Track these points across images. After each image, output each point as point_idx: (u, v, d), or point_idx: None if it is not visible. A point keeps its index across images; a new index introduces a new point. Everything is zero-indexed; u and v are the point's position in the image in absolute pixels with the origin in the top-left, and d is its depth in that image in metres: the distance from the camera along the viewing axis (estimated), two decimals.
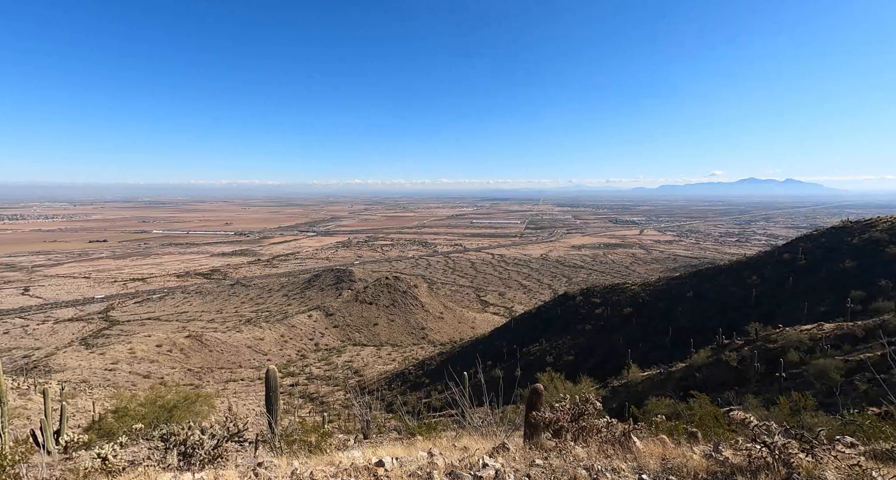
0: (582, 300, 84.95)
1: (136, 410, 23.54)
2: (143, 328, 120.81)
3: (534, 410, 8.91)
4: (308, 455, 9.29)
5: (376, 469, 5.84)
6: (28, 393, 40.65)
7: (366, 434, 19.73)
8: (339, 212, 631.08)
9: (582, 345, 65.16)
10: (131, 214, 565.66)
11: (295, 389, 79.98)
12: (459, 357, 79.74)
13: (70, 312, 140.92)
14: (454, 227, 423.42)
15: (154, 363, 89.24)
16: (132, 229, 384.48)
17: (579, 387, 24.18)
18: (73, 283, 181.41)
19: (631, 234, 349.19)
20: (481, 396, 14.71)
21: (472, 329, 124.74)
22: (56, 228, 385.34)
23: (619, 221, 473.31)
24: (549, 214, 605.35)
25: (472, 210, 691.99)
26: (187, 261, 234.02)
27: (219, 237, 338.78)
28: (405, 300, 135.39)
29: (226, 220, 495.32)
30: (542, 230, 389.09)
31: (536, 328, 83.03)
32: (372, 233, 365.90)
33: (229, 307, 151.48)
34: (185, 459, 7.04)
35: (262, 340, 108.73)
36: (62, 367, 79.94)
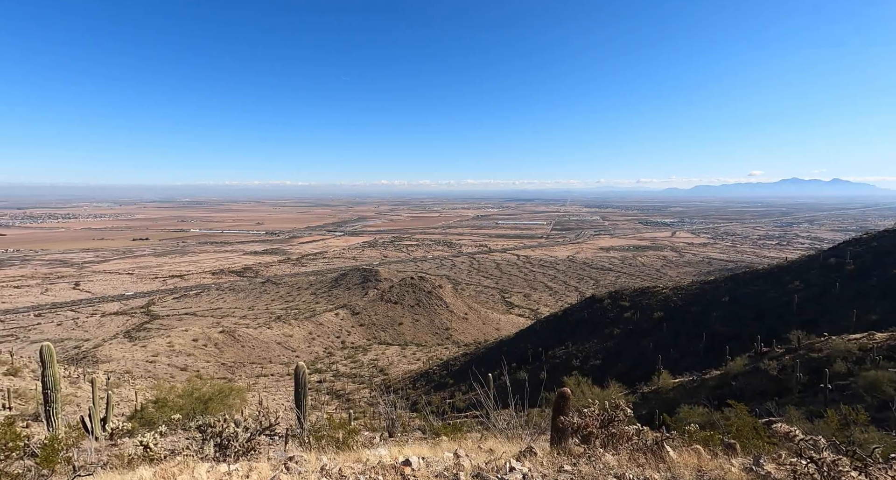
0: (610, 303, 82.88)
1: (174, 401, 24.66)
2: (180, 323, 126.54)
3: (561, 414, 8.77)
4: (336, 451, 9.48)
5: (403, 468, 5.90)
6: (78, 382, 43.29)
7: (391, 432, 19.93)
8: (366, 212, 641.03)
9: (610, 349, 63.59)
10: (170, 213, 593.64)
11: (322, 385, 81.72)
12: (484, 359, 79.39)
13: (115, 306, 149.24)
14: (479, 228, 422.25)
15: (190, 356, 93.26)
16: (171, 228, 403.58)
17: (607, 392, 23.61)
18: (118, 279, 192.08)
19: (662, 236, 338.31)
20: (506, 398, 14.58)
21: (496, 331, 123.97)
22: (103, 226, 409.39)
23: (649, 222, 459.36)
24: (576, 215, 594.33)
25: (497, 211, 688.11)
26: (221, 259, 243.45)
27: (251, 237, 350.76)
28: (430, 301, 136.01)
29: (257, 220, 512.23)
30: (568, 232, 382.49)
31: (562, 330, 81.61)
32: (397, 233, 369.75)
33: (260, 304, 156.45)
34: (221, 450, 7.33)
35: (291, 337, 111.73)
36: (108, 358, 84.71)
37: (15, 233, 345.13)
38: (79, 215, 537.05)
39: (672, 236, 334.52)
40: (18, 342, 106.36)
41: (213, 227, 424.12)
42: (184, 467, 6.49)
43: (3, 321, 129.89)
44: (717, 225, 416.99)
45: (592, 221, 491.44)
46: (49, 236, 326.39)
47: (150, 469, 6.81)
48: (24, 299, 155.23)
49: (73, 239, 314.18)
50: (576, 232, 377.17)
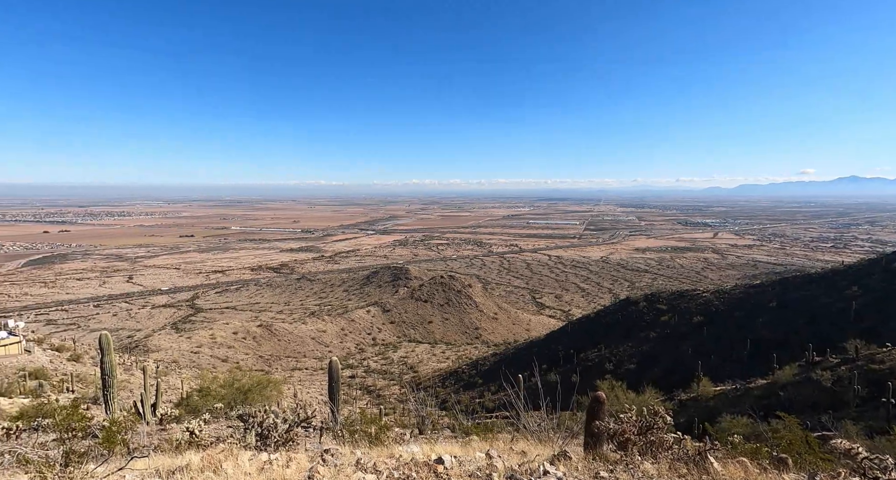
0: (646, 305, 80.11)
1: (216, 391, 25.93)
2: (222, 316, 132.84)
3: (595, 419, 8.57)
4: (369, 446, 9.68)
5: (436, 466, 5.94)
6: (131, 369, 46.36)
7: (421, 429, 20.12)
8: (397, 211, 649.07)
9: (645, 353, 61.47)
10: (214, 212, 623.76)
11: (353, 381, 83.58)
12: (513, 359, 78.69)
13: (164, 299, 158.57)
14: (510, 227, 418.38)
15: (231, 348, 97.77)
16: (214, 226, 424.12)
17: (643, 398, 22.84)
18: (166, 273, 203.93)
19: (703, 237, 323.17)
20: (536, 400, 14.40)
21: (526, 331, 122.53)
22: (154, 224, 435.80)
23: (689, 223, 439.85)
24: (610, 215, 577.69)
25: (528, 210, 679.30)
26: (260, 256, 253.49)
27: (287, 234, 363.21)
28: (459, 300, 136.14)
29: (294, 218, 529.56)
30: (602, 232, 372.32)
31: (595, 333, 79.64)
32: (428, 232, 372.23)
33: (295, 300, 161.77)
34: (262, 440, 7.67)
35: (324, 332, 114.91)
36: (157, 348, 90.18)
37: (78, 229, 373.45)
38: (132, 212, 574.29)
39: (714, 238, 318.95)
40: (80, 331, 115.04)
41: (252, 225, 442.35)
42: (228, 454, 6.82)
43: (67, 310, 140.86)
44: (764, 226, 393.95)
45: (628, 221, 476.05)
46: (106, 233, 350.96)
47: (198, 454, 7.20)
48: (85, 290, 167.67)
49: (127, 235, 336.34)
50: (610, 232, 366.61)
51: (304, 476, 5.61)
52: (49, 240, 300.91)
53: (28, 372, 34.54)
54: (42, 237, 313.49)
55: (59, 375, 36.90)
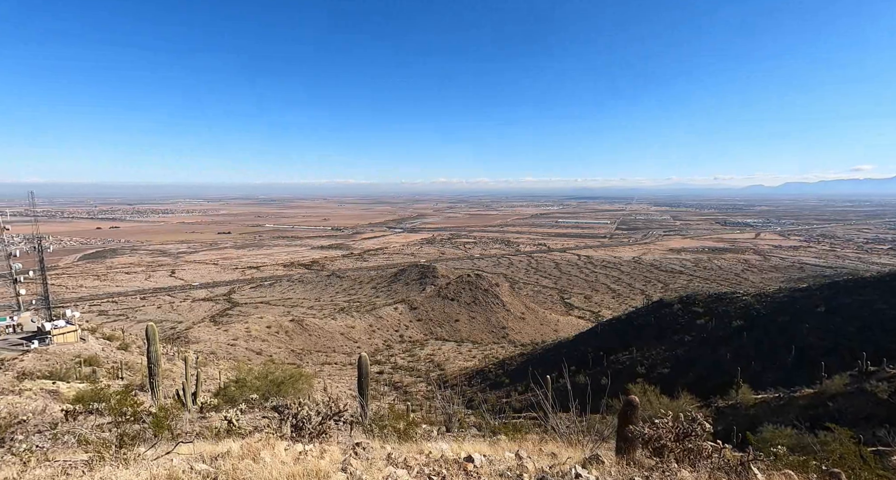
0: (681, 308, 77.23)
1: (252, 382, 26.95)
2: (256, 311, 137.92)
3: (628, 423, 8.35)
4: (398, 441, 9.83)
5: (466, 464, 5.97)
6: (173, 359, 48.89)
7: (448, 427, 20.22)
8: (425, 210, 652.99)
9: (679, 357, 59.29)
10: (249, 210, 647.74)
11: (381, 377, 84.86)
12: (541, 360, 77.73)
13: (203, 293, 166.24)
14: (538, 226, 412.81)
15: (264, 341, 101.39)
16: (249, 223, 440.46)
17: (677, 403, 22.06)
18: (205, 268, 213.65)
19: (744, 237, 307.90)
20: (564, 401, 14.17)
21: (554, 332, 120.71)
22: (194, 221, 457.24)
23: (728, 223, 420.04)
24: (643, 214, 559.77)
25: (557, 209, 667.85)
26: (292, 252, 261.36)
27: (318, 232, 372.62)
28: (486, 299, 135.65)
29: (324, 216, 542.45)
30: (634, 231, 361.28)
31: (626, 335, 77.50)
32: (455, 231, 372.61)
33: (325, 296, 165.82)
34: (297, 431, 7.93)
35: (353, 328, 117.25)
36: (197, 339, 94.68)
37: (126, 226, 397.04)
38: (175, 210, 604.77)
39: (755, 238, 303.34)
40: (128, 321, 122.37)
41: (284, 222, 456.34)
42: (266, 443, 7.10)
43: (117, 302, 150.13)
44: (811, 226, 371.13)
45: (662, 220, 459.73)
46: (151, 229, 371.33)
47: (237, 442, 7.53)
48: (132, 283, 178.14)
49: (171, 232, 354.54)
50: (643, 232, 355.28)
51: (337, 468, 5.76)
52: (101, 236, 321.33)
53: (83, 359, 37.07)
54: (95, 233, 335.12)
55: (109, 362, 39.42)
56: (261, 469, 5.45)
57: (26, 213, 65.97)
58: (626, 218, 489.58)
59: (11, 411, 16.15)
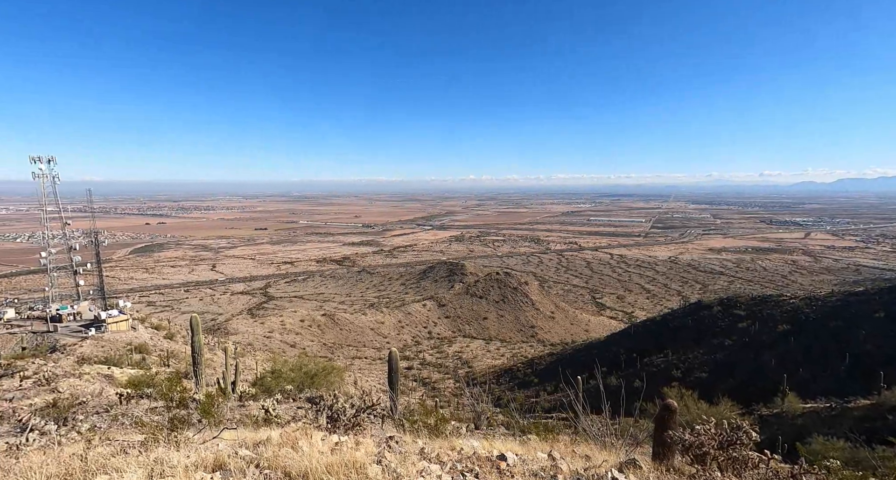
0: (721, 310, 73.86)
1: (287, 373, 27.95)
2: (290, 305, 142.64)
3: (666, 428, 8.08)
4: (429, 436, 9.94)
5: (499, 462, 5.97)
6: (214, 349, 51.35)
7: (477, 424, 20.23)
8: (454, 207, 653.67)
9: (719, 362, 56.76)
10: (284, 207, 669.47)
11: (409, 372, 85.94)
12: (571, 360, 76.43)
13: (241, 286, 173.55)
14: (569, 224, 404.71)
15: (298, 334, 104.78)
16: (284, 220, 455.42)
17: (717, 409, 21.15)
18: (243, 263, 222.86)
19: (792, 237, 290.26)
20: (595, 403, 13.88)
21: (585, 332, 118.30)
22: (233, 217, 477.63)
23: (774, 221, 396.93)
24: (680, 212, 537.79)
25: (589, 207, 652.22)
26: (324, 248, 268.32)
27: (349, 229, 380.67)
28: (515, 297, 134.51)
29: (355, 213, 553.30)
30: (671, 230, 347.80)
31: (661, 337, 74.91)
32: (484, 228, 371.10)
33: (356, 292, 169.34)
34: (332, 422, 8.18)
35: (382, 323, 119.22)
36: (235, 331, 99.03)
37: (172, 222, 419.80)
38: (216, 207, 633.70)
39: (805, 238, 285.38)
40: (173, 312, 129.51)
41: (318, 219, 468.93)
42: (303, 433, 7.35)
43: (163, 293, 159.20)
44: (870, 226, 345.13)
45: (701, 219, 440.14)
46: (194, 225, 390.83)
47: (276, 430, 7.84)
48: (177, 276, 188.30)
49: (212, 228, 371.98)
50: (680, 231, 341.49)
51: (372, 460, 5.90)
52: (149, 231, 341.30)
53: (134, 346, 39.59)
54: (144, 229, 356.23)
55: (157, 350, 41.90)
56: (300, 458, 5.66)
57: (84, 209, 71.33)
58: (661, 216, 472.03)
59: (73, 393, 17.49)
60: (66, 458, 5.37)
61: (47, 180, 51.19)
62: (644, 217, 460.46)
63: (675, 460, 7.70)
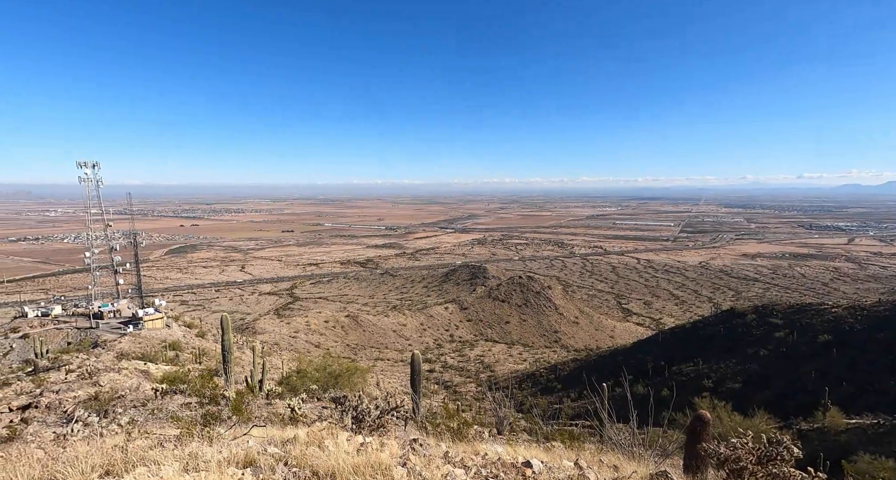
0: (755, 318, 70.72)
1: (312, 373, 28.50)
2: (315, 306, 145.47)
3: (699, 440, 7.79)
4: (452, 439, 9.91)
5: (524, 469, 5.89)
6: (242, 348, 52.82)
7: (499, 430, 20.04)
8: (476, 210, 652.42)
9: (753, 373, 54.29)
10: (310, 209, 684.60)
11: (431, 375, 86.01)
12: (596, 366, 74.77)
13: (268, 287, 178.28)
14: (594, 228, 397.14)
15: (322, 335, 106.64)
16: (310, 222, 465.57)
17: (752, 423, 20.21)
18: (270, 264, 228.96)
19: (834, 243, 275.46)
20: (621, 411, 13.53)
21: (610, 338, 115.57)
22: (262, 220, 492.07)
23: (815, 226, 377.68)
24: (712, 215, 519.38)
25: (615, 210, 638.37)
26: (348, 250, 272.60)
27: (373, 231, 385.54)
28: (538, 301, 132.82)
29: (379, 216, 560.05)
30: (701, 235, 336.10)
31: (690, 345, 72.35)
32: (507, 231, 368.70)
33: (379, 294, 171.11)
34: (357, 423, 8.28)
35: (404, 326, 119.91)
36: (262, 330, 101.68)
37: (204, 223, 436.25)
38: (245, 209, 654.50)
39: (849, 244, 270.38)
40: (204, 311, 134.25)
41: (342, 221, 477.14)
42: (328, 433, 7.47)
43: (195, 293, 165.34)
44: None
45: (734, 223, 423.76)
46: (225, 227, 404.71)
47: (303, 429, 8.00)
48: (208, 277, 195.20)
49: (241, 229, 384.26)
50: (711, 235, 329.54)
51: (397, 462, 5.93)
52: (183, 232, 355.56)
53: (168, 343, 41.24)
54: (178, 230, 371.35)
55: (189, 348, 43.50)
56: (326, 457, 5.75)
57: (125, 211, 75.57)
58: (691, 220, 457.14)
59: (113, 387, 18.35)
60: (109, 449, 5.64)
61: (91, 184, 54.14)
62: (672, 221, 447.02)
63: (709, 474, 7.41)
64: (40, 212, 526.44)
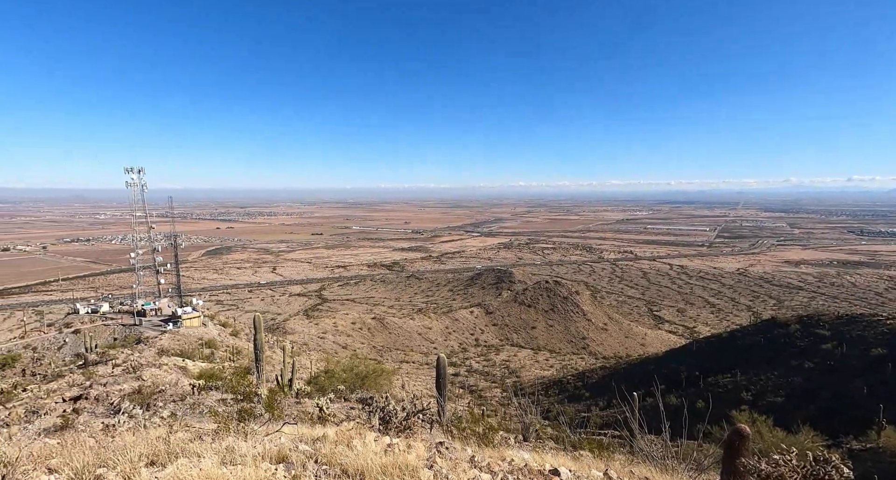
0: (800, 329, 66.83)
1: (339, 374, 29.02)
2: (343, 307, 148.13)
3: (737, 455, 7.45)
4: (477, 444, 9.87)
5: (552, 477, 5.81)
6: (273, 347, 54.42)
7: (525, 436, 19.77)
8: (502, 214, 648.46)
9: (797, 386, 51.27)
10: (339, 212, 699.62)
11: (456, 379, 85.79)
12: (626, 375, 72.57)
13: (298, 288, 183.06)
14: (624, 232, 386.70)
15: (349, 336, 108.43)
16: (338, 225, 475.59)
17: (796, 439, 19.09)
18: (300, 266, 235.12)
19: (888, 250, 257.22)
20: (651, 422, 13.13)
21: (641, 346, 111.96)
22: (293, 223, 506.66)
23: (866, 232, 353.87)
24: (751, 220, 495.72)
25: (646, 214, 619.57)
26: (375, 253, 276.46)
27: (399, 234, 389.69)
28: (565, 307, 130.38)
29: (405, 219, 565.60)
30: (739, 240, 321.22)
31: (727, 355, 69.13)
32: (533, 235, 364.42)
33: (405, 297, 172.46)
34: (384, 424, 8.39)
35: (430, 329, 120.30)
36: (292, 330, 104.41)
37: (239, 226, 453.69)
38: (276, 212, 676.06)
39: None
40: (237, 311, 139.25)
41: (369, 225, 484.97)
42: (356, 433, 7.60)
43: (230, 293, 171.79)
44: None
45: (775, 228, 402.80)
46: (258, 229, 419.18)
47: (332, 428, 8.17)
48: (242, 277, 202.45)
49: (273, 232, 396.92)
50: (750, 241, 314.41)
51: (423, 465, 5.97)
52: (219, 234, 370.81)
53: (204, 341, 43.02)
54: (215, 232, 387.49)
55: (224, 346, 45.21)
56: (355, 457, 5.86)
57: (166, 214, 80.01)
58: (728, 225, 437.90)
59: (154, 381, 19.32)
60: (153, 440, 5.96)
61: (137, 188, 57.36)
62: (708, 226, 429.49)
63: None
64: (91, 215, 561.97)
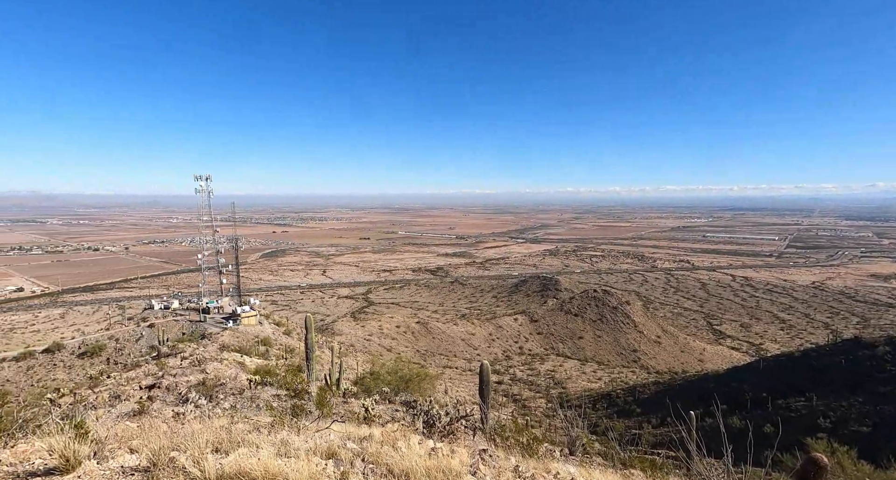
0: (890, 351, 59.57)
1: (384, 376, 29.59)
2: (388, 311, 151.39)
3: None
4: (522, 454, 9.69)
5: None
6: (322, 347, 56.62)
7: (571, 450, 19.11)
8: (549, 220, 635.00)
9: (887, 416, 45.61)
10: (386, 218, 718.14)
11: (500, 387, 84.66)
12: (681, 392, 68.13)
13: (346, 291, 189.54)
14: (679, 240, 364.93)
15: (394, 339, 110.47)
16: (385, 230, 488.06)
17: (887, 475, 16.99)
18: (348, 269, 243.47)
19: None
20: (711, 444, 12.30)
21: (698, 362, 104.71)
22: (342, 227, 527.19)
23: None
24: (828, 229, 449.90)
25: (704, 222, 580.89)
26: (420, 258, 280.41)
27: (444, 240, 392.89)
28: (615, 317, 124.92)
29: (450, 224, 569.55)
30: (815, 251, 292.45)
31: (799, 377, 62.91)
32: (581, 243, 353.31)
33: (448, 302, 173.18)
34: (427, 427, 8.49)
35: (473, 335, 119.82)
36: (340, 332, 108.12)
37: (293, 230, 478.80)
38: (327, 217, 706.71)
39: None
40: (290, 311, 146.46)
41: (415, 230, 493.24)
42: (401, 434, 7.75)
43: (283, 294, 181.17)
44: None
45: (859, 238, 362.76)
46: (310, 233, 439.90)
47: (378, 429, 8.39)
48: (294, 279, 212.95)
49: (324, 236, 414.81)
50: (827, 252, 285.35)
51: (467, 470, 5.99)
52: (275, 238, 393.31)
53: (260, 339, 45.65)
54: (271, 236, 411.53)
55: (277, 344, 47.71)
56: (400, 458, 5.98)
57: (229, 218, 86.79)
58: (801, 234, 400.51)
59: (216, 375, 20.79)
60: (217, 429, 6.44)
61: (204, 194, 62.25)
62: (777, 234, 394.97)
63: None
64: (165, 219, 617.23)
